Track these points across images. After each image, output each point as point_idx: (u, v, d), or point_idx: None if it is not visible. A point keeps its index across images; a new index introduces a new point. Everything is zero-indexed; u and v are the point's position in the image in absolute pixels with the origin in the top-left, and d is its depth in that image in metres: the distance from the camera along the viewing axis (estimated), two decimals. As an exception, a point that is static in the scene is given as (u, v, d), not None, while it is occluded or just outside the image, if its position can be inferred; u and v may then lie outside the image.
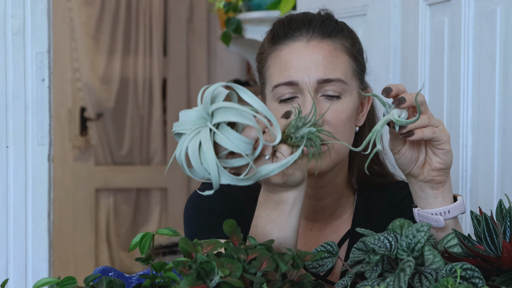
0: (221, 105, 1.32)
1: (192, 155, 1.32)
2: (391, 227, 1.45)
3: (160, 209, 5.82)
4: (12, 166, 2.60)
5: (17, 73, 2.60)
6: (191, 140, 1.32)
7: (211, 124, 1.32)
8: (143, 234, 1.42)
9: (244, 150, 1.33)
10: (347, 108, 1.69)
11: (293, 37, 1.71)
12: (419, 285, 1.33)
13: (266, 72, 1.74)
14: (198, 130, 1.33)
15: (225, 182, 1.33)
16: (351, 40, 1.75)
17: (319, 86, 1.67)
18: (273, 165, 1.37)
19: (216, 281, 1.27)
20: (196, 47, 5.87)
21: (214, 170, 1.31)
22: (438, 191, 1.53)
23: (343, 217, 1.83)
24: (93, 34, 5.64)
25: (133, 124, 5.76)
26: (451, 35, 2.54)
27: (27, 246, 2.61)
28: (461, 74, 2.47)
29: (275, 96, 1.70)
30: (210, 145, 1.31)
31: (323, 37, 1.71)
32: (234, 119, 1.32)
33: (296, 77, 1.67)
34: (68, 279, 1.36)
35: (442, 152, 1.49)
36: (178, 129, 1.35)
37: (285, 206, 1.46)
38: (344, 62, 1.71)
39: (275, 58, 1.72)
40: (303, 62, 1.68)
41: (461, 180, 2.47)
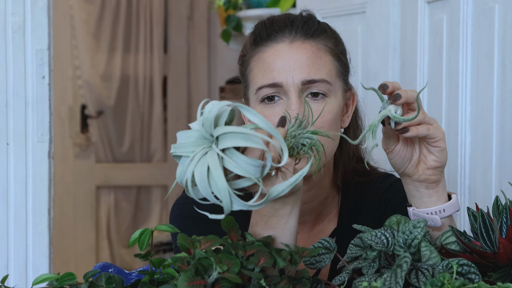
0: (228, 129, 1.30)
1: (201, 181, 1.29)
2: (388, 223, 1.46)
3: (160, 207, 5.83)
4: (12, 163, 2.61)
5: (17, 70, 2.60)
6: (196, 164, 1.30)
7: (218, 149, 1.30)
8: (142, 230, 1.43)
9: (254, 174, 1.32)
10: (332, 109, 1.68)
11: (276, 38, 1.69)
12: (416, 281, 1.34)
13: (249, 75, 1.73)
14: (204, 152, 1.31)
15: (237, 208, 1.32)
16: (334, 40, 1.74)
17: (304, 87, 1.66)
18: (283, 184, 1.37)
19: (214, 277, 1.28)
20: (196, 44, 5.88)
21: (227, 197, 1.30)
22: (433, 191, 1.53)
23: (329, 216, 1.83)
24: (93, 32, 5.64)
25: (133, 121, 5.76)
26: (449, 33, 2.55)
27: (27, 242, 2.62)
28: (459, 72, 2.48)
29: (258, 98, 1.69)
30: (221, 172, 1.29)
31: (306, 37, 1.69)
32: (243, 144, 1.31)
33: (280, 78, 1.66)
34: (68, 275, 1.37)
35: (437, 149, 1.50)
36: (178, 152, 1.32)
37: (283, 211, 1.46)
38: (328, 63, 1.70)
39: (258, 60, 1.70)
40: (287, 63, 1.66)
41: (460, 177, 2.48)
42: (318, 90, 1.67)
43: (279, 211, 1.46)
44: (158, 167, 5.82)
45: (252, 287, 1.31)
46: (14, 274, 2.58)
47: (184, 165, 1.32)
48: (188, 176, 1.31)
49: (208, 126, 1.31)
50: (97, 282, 1.38)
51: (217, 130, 1.31)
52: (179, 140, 1.33)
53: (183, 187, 1.70)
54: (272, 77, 1.66)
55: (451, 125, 2.53)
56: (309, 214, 1.81)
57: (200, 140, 1.32)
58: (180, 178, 1.33)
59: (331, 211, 1.84)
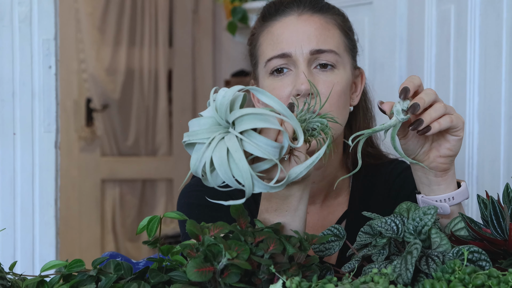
0: (246, 112, 1.30)
1: (220, 166, 1.28)
2: (398, 210, 1.45)
3: (165, 200, 5.82)
4: (19, 153, 2.61)
5: (24, 60, 2.60)
6: (214, 149, 1.29)
7: (237, 131, 1.29)
8: (151, 217, 1.42)
9: (274, 155, 1.32)
10: (340, 80, 1.69)
11: (284, 12, 1.73)
12: (426, 267, 1.34)
13: (258, 50, 1.75)
14: (220, 137, 1.30)
15: (258, 190, 1.32)
16: (341, 17, 1.77)
17: (312, 57, 1.68)
18: (300, 167, 1.36)
19: (223, 263, 1.27)
20: (201, 38, 5.87)
21: (249, 180, 1.29)
22: (442, 179, 1.52)
23: (339, 198, 1.83)
24: (99, 25, 5.64)
25: (138, 115, 5.76)
26: (457, 23, 2.54)
27: (34, 233, 2.62)
28: (467, 62, 2.47)
29: (268, 70, 1.71)
30: (242, 154, 1.28)
31: (314, 11, 1.72)
32: (261, 125, 1.30)
33: (288, 49, 1.68)
34: (76, 261, 1.37)
35: (455, 138, 1.48)
36: (192, 139, 1.31)
37: (293, 199, 1.46)
38: (336, 36, 1.72)
39: (266, 34, 1.73)
40: (295, 34, 1.69)
41: (467, 167, 2.47)
42: (327, 60, 1.69)
43: (289, 198, 1.46)
44: (163, 160, 5.81)
45: (261, 273, 1.31)
46: (21, 264, 2.58)
47: (199, 152, 1.31)
48: (206, 161, 1.30)
49: (223, 112, 1.31)
50: (105, 269, 1.38)
51: (233, 114, 1.30)
52: (192, 128, 1.32)
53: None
54: (281, 48, 1.69)
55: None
56: (319, 194, 1.80)
57: (214, 126, 1.32)
58: (195, 166, 1.31)
59: (341, 193, 1.83)
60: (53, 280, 1.36)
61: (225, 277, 1.27)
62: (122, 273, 1.37)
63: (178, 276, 1.35)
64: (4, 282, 1.32)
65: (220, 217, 1.50)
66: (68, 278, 1.37)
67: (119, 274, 1.36)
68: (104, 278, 1.34)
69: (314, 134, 1.40)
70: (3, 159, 2.59)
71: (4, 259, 2.56)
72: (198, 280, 1.25)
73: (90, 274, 1.36)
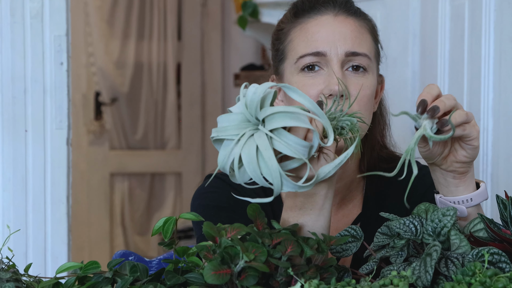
0: (277, 110, 1.29)
1: (249, 163, 1.28)
2: (416, 211, 1.44)
3: (174, 194, 5.82)
4: (31, 150, 2.60)
5: (35, 56, 2.59)
6: (243, 146, 1.29)
7: (267, 129, 1.29)
8: (166, 218, 1.41)
9: (304, 154, 1.31)
10: (370, 84, 1.69)
11: (320, 11, 1.71)
12: (446, 269, 1.32)
13: (288, 46, 1.73)
14: (250, 134, 1.29)
15: (286, 190, 1.31)
16: (372, 23, 1.77)
17: (346, 59, 1.67)
18: (329, 166, 1.36)
19: (241, 266, 1.26)
20: (210, 31, 5.85)
21: (278, 179, 1.29)
22: (460, 181, 1.51)
23: (354, 201, 1.83)
24: (107, 19, 5.63)
25: (147, 108, 5.75)
26: (471, 18, 2.52)
27: (46, 230, 2.61)
28: (481, 57, 2.45)
29: (299, 67, 1.69)
30: (272, 152, 1.28)
31: (349, 14, 1.71)
32: (292, 123, 1.29)
33: (323, 48, 1.67)
34: (92, 263, 1.36)
35: (470, 147, 1.47)
36: (221, 135, 1.31)
37: (318, 198, 1.46)
38: (368, 40, 1.72)
39: (300, 30, 1.71)
40: (331, 34, 1.68)
41: (482, 164, 2.45)
42: (360, 63, 1.68)
43: (314, 196, 1.45)
44: (172, 154, 5.81)
45: (279, 276, 1.29)
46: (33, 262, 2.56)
47: (227, 148, 1.30)
48: (234, 158, 1.29)
49: (253, 108, 1.30)
50: (121, 270, 1.37)
51: (264, 111, 1.30)
52: (221, 124, 1.32)
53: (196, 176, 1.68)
54: (315, 46, 1.68)
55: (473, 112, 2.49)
56: (335, 196, 1.79)
57: (243, 123, 1.31)
58: (223, 162, 1.31)
59: (356, 196, 1.83)
60: (69, 282, 1.35)
61: (242, 279, 1.26)
62: (138, 275, 1.35)
63: (194, 278, 1.34)
64: (19, 284, 1.31)
65: (236, 219, 1.49)
66: (83, 280, 1.36)
67: (135, 276, 1.35)
68: (120, 280, 1.33)
69: (342, 133, 1.39)
70: (15, 156, 2.59)
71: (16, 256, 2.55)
72: (215, 283, 1.24)
73: (106, 276, 1.35)
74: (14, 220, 2.57)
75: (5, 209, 2.59)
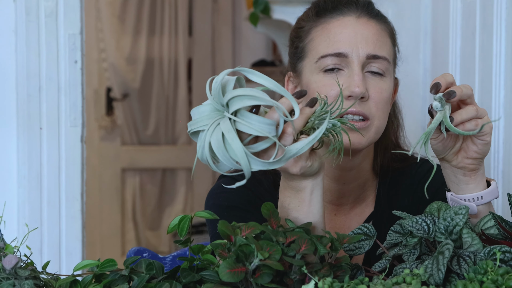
0: (235, 93, 1.32)
1: (218, 149, 1.31)
2: (429, 210, 1.45)
3: (185, 189, 5.84)
4: (45, 148, 2.63)
5: (50, 55, 2.62)
6: (212, 134, 1.32)
7: (229, 113, 1.32)
8: (182, 216, 1.43)
9: (269, 132, 1.33)
10: (388, 88, 1.71)
11: (343, 12, 1.72)
12: (458, 267, 1.34)
13: (308, 45, 1.74)
14: (218, 122, 1.32)
15: (256, 168, 1.34)
16: (392, 27, 1.79)
17: (367, 62, 1.68)
18: (301, 143, 1.37)
19: (255, 264, 1.28)
20: (221, 27, 5.87)
21: (244, 158, 1.31)
22: (470, 178, 1.53)
23: (367, 200, 1.84)
24: (118, 14, 5.65)
25: (158, 104, 5.77)
26: (483, 16, 2.52)
27: (60, 227, 2.64)
28: (493, 55, 2.45)
29: (319, 67, 1.70)
30: (234, 134, 1.31)
31: (370, 17, 1.73)
32: (251, 103, 1.32)
33: (345, 49, 1.68)
34: (108, 261, 1.38)
35: (481, 143, 1.49)
36: (194, 128, 1.34)
37: (304, 194, 1.48)
38: (388, 44, 1.74)
39: (322, 30, 1.72)
40: (353, 35, 1.69)
41: (493, 161, 2.46)
42: (379, 67, 1.69)
43: (300, 193, 1.48)
44: (183, 149, 5.83)
45: (293, 274, 1.31)
46: (47, 258, 2.60)
47: (201, 139, 1.33)
48: (206, 148, 1.32)
49: (217, 96, 1.33)
50: (137, 268, 1.39)
51: (226, 97, 1.33)
52: (194, 117, 1.35)
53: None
54: (337, 47, 1.69)
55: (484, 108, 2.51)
56: (348, 195, 1.81)
57: (213, 113, 1.34)
58: (200, 153, 1.34)
59: (369, 196, 1.84)
60: (86, 279, 1.37)
61: (257, 277, 1.28)
62: (154, 272, 1.37)
63: (209, 275, 1.36)
64: (38, 281, 1.33)
65: (249, 219, 1.51)
66: (100, 278, 1.38)
67: (151, 273, 1.37)
68: (136, 278, 1.35)
69: (325, 133, 1.40)
70: (30, 153, 2.61)
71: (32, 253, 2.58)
72: (231, 281, 1.26)
73: (122, 274, 1.37)
74: (29, 217, 2.60)
75: (20, 206, 2.61)
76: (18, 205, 2.61)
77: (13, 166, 2.62)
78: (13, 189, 2.61)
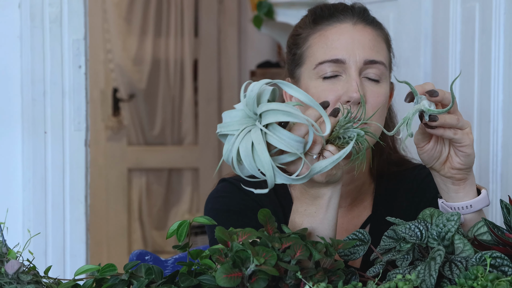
0: (270, 107, 1.36)
1: (245, 157, 1.35)
2: (421, 216, 1.48)
3: (191, 189, 5.87)
4: (50, 151, 2.66)
5: (54, 60, 2.65)
6: (241, 141, 1.36)
7: (261, 125, 1.36)
8: (180, 222, 1.46)
9: (297, 149, 1.37)
10: (384, 92, 1.74)
11: (339, 19, 1.75)
12: (450, 273, 1.37)
13: (306, 51, 1.76)
14: (248, 130, 1.36)
15: (280, 181, 1.38)
16: (386, 33, 1.82)
17: (364, 67, 1.71)
18: (325, 161, 1.41)
19: (251, 269, 1.31)
20: (227, 28, 5.89)
21: (270, 171, 1.35)
22: (459, 187, 1.57)
23: (364, 203, 1.87)
24: (125, 16, 5.68)
25: (164, 104, 5.80)
26: (482, 20, 2.55)
27: (65, 229, 2.67)
28: (492, 59, 2.48)
29: (318, 73, 1.73)
30: (264, 146, 1.35)
31: (366, 23, 1.76)
32: (285, 118, 1.36)
33: (342, 55, 1.71)
34: (108, 266, 1.41)
35: (462, 154, 1.53)
36: (224, 130, 1.38)
37: (322, 201, 1.51)
38: (384, 49, 1.77)
39: (319, 37, 1.75)
40: (350, 42, 1.72)
41: (492, 164, 2.49)
42: (376, 72, 1.72)
43: (319, 200, 1.51)
44: (189, 149, 5.85)
45: (288, 279, 1.34)
46: (52, 260, 2.64)
47: (229, 143, 1.37)
48: (233, 153, 1.37)
49: (251, 105, 1.37)
50: (136, 272, 1.42)
51: (260, 108, 1.36)
52: (225, 119, 1.39)
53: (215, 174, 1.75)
54: (334, 53, 1.71)
55: (483, 113, 2.54)
56: (345, 197, 1.84)
57: (244, 119, 1.38)
58: (226, 156, 1.38)
59: (366, 199, 1.87)
60: (86, 284, 1.41)
61: (253, 282, 1.31)
62: (153, 277, 1.41)
63: (207, 280, 1.39)
64: (40, 286, 1.36)
65: (247, 223, 1.54)
66: (100, 282, 1.42)
67: (150, 278, 1.40)
68: (136, 282, 1.39)
69: (348, 142, 1.44)
70: (35, 156, 2.64)
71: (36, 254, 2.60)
72: (227, 286, 1.29)
73: (122, 278, 1.40)
74: (34, 219, 2.63)
75: (25, 208, 2.65)
76: (23, 207, 2.64)
77: (18, 169, 2.65)
78: (18, 192, 2.65)
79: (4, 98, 2.64)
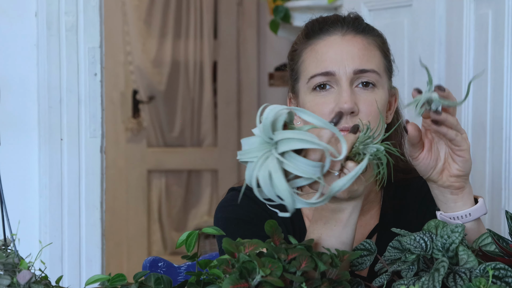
0: (285, 135, 1.39)
1: (264, 185, 1.38)
2: (426, 228, 1.50)
3: (211, 191, 5.89)
4: (66, 158, 2.69)
5: (70, 68, 2.68)
6: (260, 169, 1.38)
7: (277, 153, 1.38)
8: (189, 232, 1.49)
9: (314, 174, 1.40)
10: (380, 98, 1.76)
11: (328, 31, 1.78)
12: (454, 284, 1.39)
13: (301, 66, 1.80)
14: (266, 156, 1.38)
15: (300, 206, 1.40)
16: (381, 38, 1.83)
17: (355, 77, 1.74)
18: (343, 179, 1.44)
19: (257, 280, 1.34)
20: (246, 30, 5.91)
21: (288, 198, 1.38)
22: (458, 196, 1.59)
23: (371, 212, 1.89)
24: (144, 18, 5.71)
25: (184, 106, 5.82)
26: (494, 28, 2.56)
27: (80, 234, 2.70)
28: (504, 66, 2.49)
29: (310, 86, 1.76)
30: (281, 175, 1.37)
31: (357, 32, 1.78)
32: (300, 146, 1.39)
33: (332, 67, 1.74)
34: (118, 276, 1.44)
35: (461, 159, 1.55)
36: (244, 158, 1.41)
37: (343, 215, 1.54)
38: (377, 56, 1.78)
39: (310, 52, 1.79)
40: (339, 53, 1.75)
41: (504, 172, 2.49)
42: (368, 79, 1.74)
43: (339, 213, 1.54)
44: (208, 151, 5.88)
45: (294, 289, 1.36)
46: (68, 265, 2.67)
47: (250, 169, 1.40)
48: (254, 180, 1.39)
49: (266, 132, 1.40)
50: (146, 282, 1.45)
51: (276, 135, 1.39)
52: (244, 147, 1.42)
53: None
54: (324, 66, 1.75)
55: (496, 120, 2.54)
56: None
57: (262, 145, 1.41)
58: (248, 180, 1.41)
59: (373, 207, 1.88)
60: (97, 293, 1.44)
61: (259, 293, 1.34)
62: (162, 287, 1.43)
63: (215, 290, 1.41)
64: (51, 295, 1.39)
65: (257, 232, 1.57)
66: (111, 291, 1.44)
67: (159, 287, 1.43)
68: (144, 292, 1.41)
69: (369, 158, 1.46)
70: (51, 163, 2.68)
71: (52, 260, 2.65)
72: (233, 296, 1.32)
73: (132, 288, 1.43)
74: (50, 225, 2.67)
75: (42, 214, 2.68)
76: (39, 213, 2.68)
77: (34, 176, 2.69)
78: (34, 198, 2.68)
79: (21, 106, 2.68)
